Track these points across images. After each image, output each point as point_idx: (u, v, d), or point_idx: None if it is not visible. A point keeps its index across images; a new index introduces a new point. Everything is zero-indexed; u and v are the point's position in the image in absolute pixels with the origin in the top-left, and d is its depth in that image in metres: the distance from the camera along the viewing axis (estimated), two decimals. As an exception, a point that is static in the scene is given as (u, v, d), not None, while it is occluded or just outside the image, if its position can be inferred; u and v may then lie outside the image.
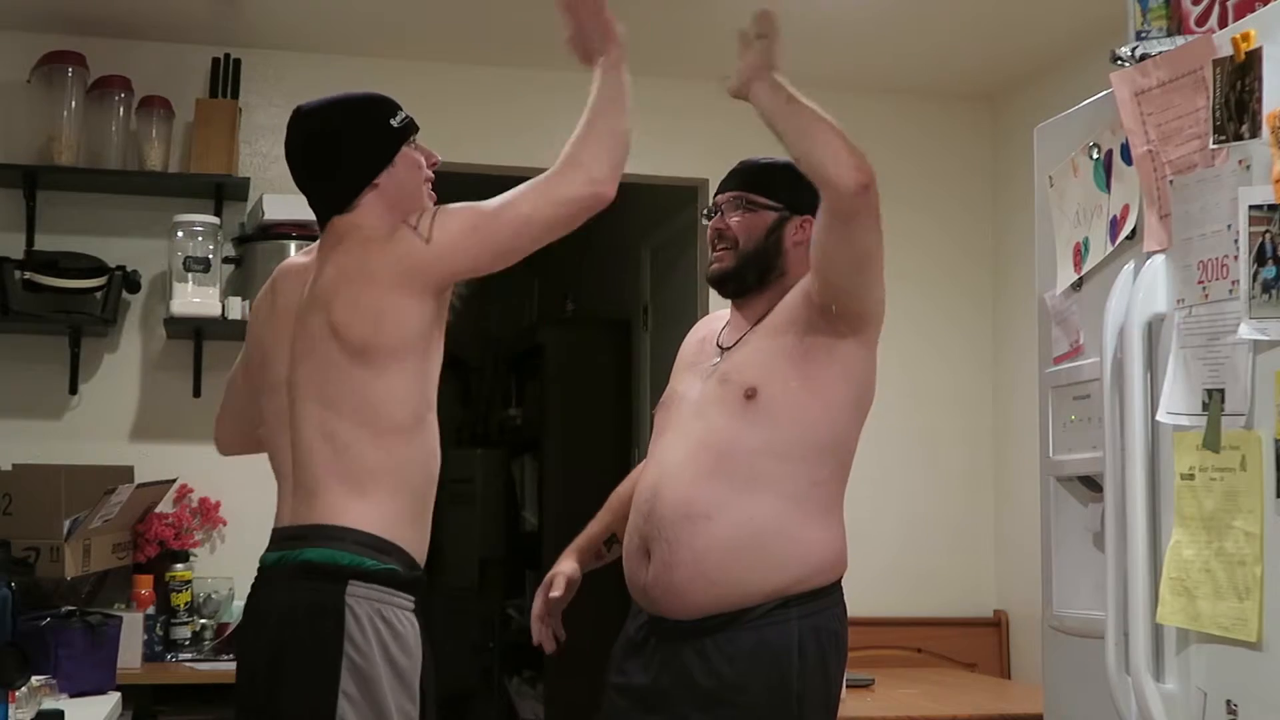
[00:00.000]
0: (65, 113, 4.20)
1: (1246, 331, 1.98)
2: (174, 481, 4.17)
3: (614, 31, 2.41)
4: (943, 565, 4.79)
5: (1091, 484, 2.43)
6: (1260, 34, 2.01)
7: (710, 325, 2.72)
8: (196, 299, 4.14)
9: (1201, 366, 2.09)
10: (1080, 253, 2.46)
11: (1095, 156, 2.41)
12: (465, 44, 4.47)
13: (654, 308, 5.78)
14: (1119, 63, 2.31)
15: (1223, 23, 2.28)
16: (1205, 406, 2.07)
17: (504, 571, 6.86)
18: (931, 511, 4.81)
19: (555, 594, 2.64)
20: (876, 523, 4.52)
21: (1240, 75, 2.02)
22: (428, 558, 2.39)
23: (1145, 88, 2.22)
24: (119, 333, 4.33)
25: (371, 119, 2.43)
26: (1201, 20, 2.34)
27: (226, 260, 4.26)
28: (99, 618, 3.39)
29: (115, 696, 3.28)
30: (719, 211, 2.62)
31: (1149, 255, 2.22)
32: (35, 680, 2.88)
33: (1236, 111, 2.03)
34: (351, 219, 2.39)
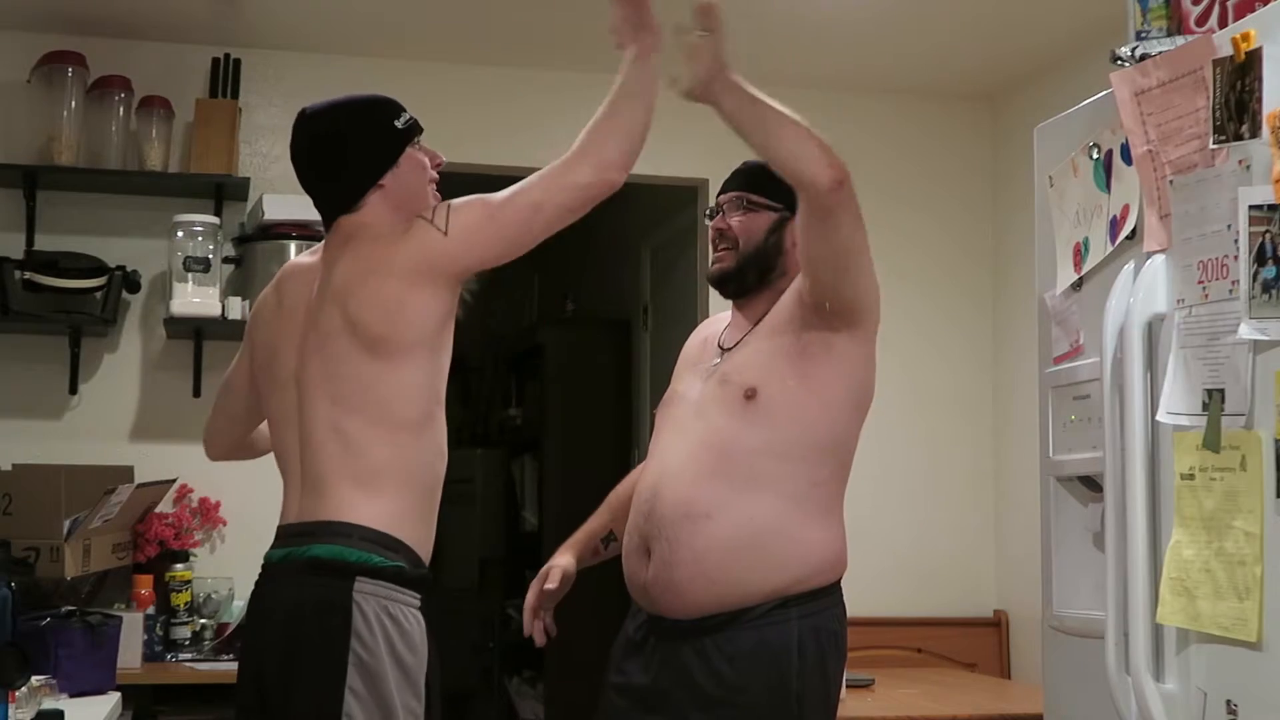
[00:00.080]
0: (65, 113, 4.20)
1: (1246, 331, 1.98)
2: (174, 481, 4.17)
3: (649, 23, 2.38)
4: (943, 565, 4.79)
5: (1091, 484, 2.42)
6: (1260, 34, 2.01)
7: (713, 326, 2.73)
8: (196, 299, 4.15)
9: (1201, 366, 2.09)
10: (1080, 253, 2.46)
11: (1095, 156, 2.41)
12: (465, 44, 4.47)
13: (654, 308, 5.78)
14: (1119, 63, 2.31)
15: (1223, 23, 2.27)
16: (1205, 406, 2.07)
17: (504, 571, 6.85)
18: (931, 511, 4.81)
19: (550, 586, 2.63)
20: (876, 523, 4.52)
21: (1240, 75, 2.02)
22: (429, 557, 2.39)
23: (1145, 88, 2.22)
24: (119, 333, 4.33)
25: (376, 120, 2.44)
26: (1201, 20, 2.34)
27: (226, 260, 4.26)
28: (99, 618, 3.39)
29: (115, 696, 3.28)
30: (720, 212, 2.63)
31: (1149, 255, 2.22)
32: (35, 680, 2.88)
33: (1236, 111, 2.03)
34: (358, 219, 2.40)
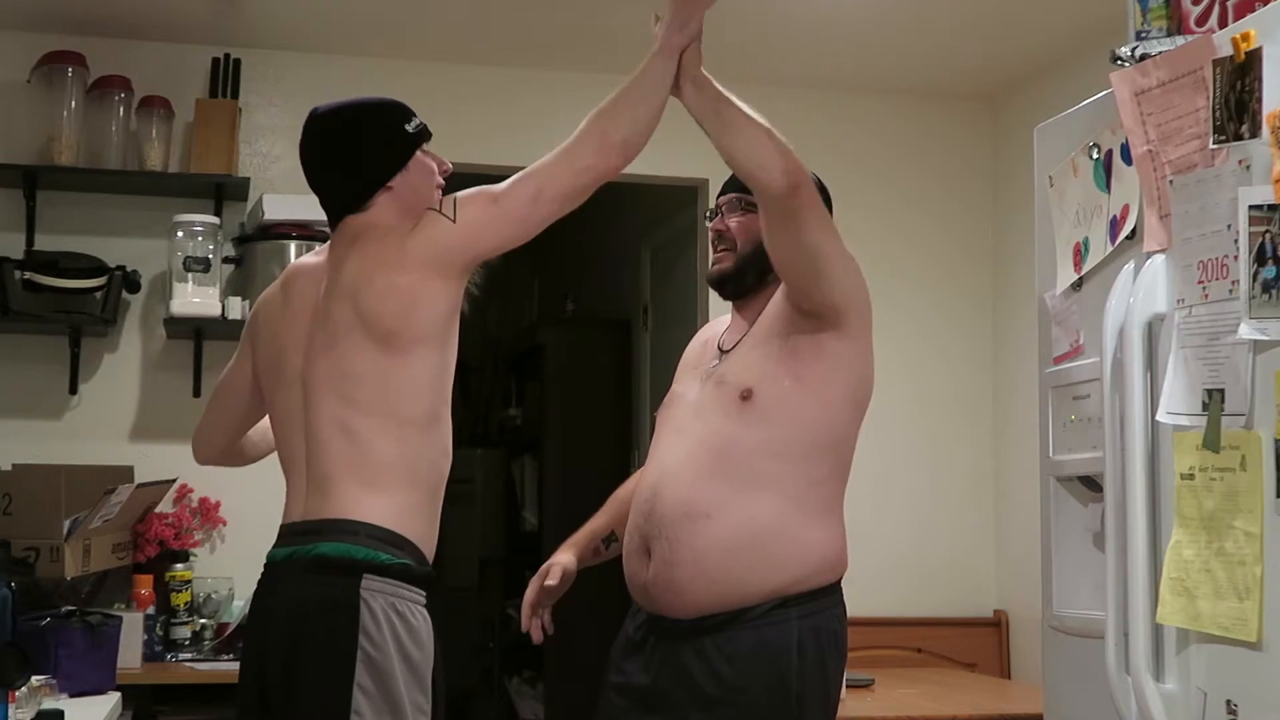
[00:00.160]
0: (65, 113, 4.20)
1: (1246, 331, 1.98)
2: (174, 481, 4.17)
3: (689, 25, 2.35)
4: (943, 565, 4.79)
5: (1091, 484, 2.42)
6: (1260, 34, 2.01)
7: (714, 328, 2.73)
8: (196, 299, 4.15)
9: (1201, 366, 2.09)
10: (1080, 253, 2.46)
11: (1095, 156, 2.41)
12: (465, 44, 4.47)
13: (654, 308, 5.78)
14: (1119, 63, 2.31)
15: (1223, 23, 2.27)
16: (1205, 406, 2.07)
17: (504, 571, 6.86)
18: (932, 511, 4.81)
19: (551, 583, 2.64)
20: (877, 523, 4.52)
21: (1240, 75, 2.02)
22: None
23: (1145, 88, 2.22)
24: (119, 333, 4.33)
25: (388, 122, 2.45)
26: (1201, 20, 2.34)
27: (226, 260, 4.26)
28: (99, 618, 3.39)
29: (115, 696, 3.29)
30: (719, 213, 2.63)
31: (1149, 255, 2.22)
32: (35, 680, 2.89)
33: (1236, 111, 2.03)
34: (365, 218, 2.40)
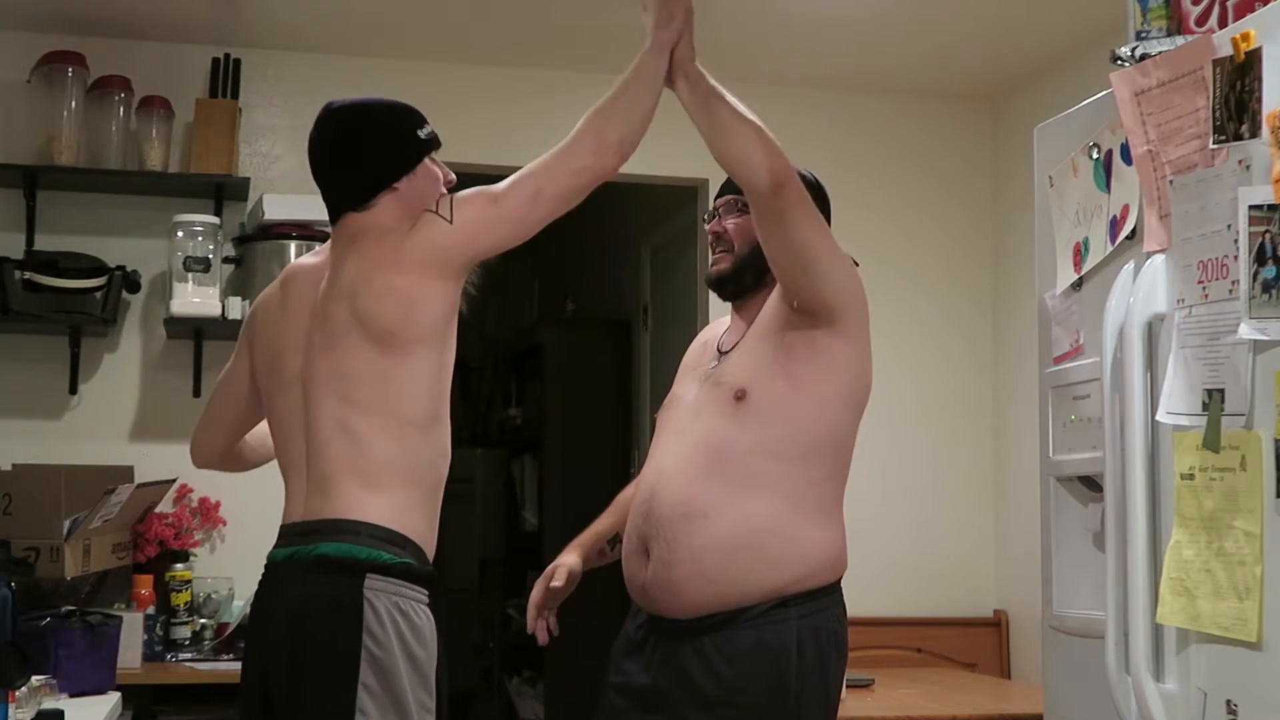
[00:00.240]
0: (65, 113, 4.20)
1: (1246, 331, 1.98)
2: (174, 481, 4.17)
3: (674, 20, 2.38)
4: (943, 565, 4.79)
5: (1091, 484, 2.42)
6: (1260, 34, 2.01)
7: (714, 330, 2.74)
8: (196, 299, 4.15)
9: (1201, 366, 2.09)
10: (1080, 253, 2.46)
11: (1095, 156, 2.41)
12: (465, 44, 4.47)
13: (654, 308, 5.78)
14: (1119, 63, 2.31)
15: (1223, 23, 2.27)
16: (1205, 406, 2.07)
17: (504, 571, 6.86)
18: (931, 511, 4.81)
19: (556, 584, 2.64)
20: (877, 523, 4.52)
21: (1240, 75, 2.02)
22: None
23: (1145, 88, 2.22)
24: (119, 333, 4.33)
25: (401, 124, 2.46)
26: (1201, 20, 2.34)
27: (226, 260, 4.26)
28: (99, 618, 3.39)
29: (115, 696, 3.28)
30: (717, 215, 2.63)
31: (1149, 255, 2.22)
32: (35, 680, 2.88)
33: (1236, 111, 2.03)
34: (366, 217, 2.40)
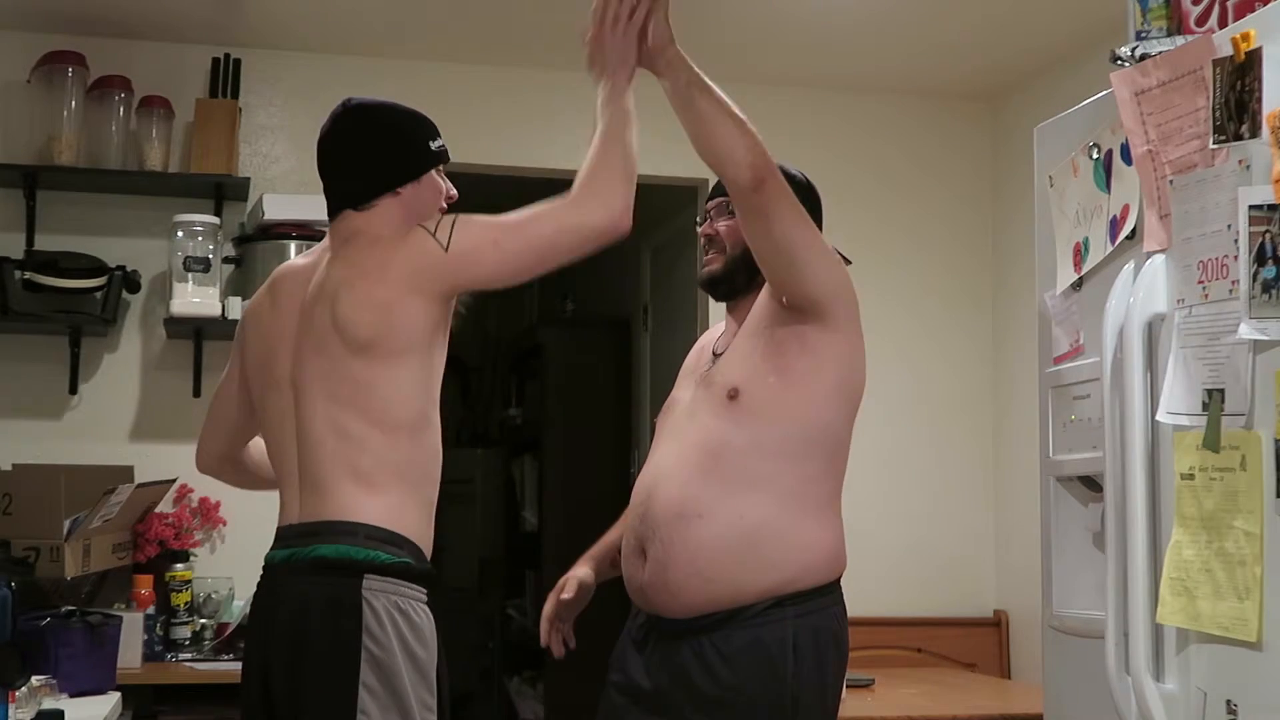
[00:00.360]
0: (65, 113, 4.20)
1: (1246, 331, 1.98)
2: (174, 481, 4.17)
3: (633, 60, 2.41)
4: (943, 565, 4.79)
5: (1091, 484, 2.42)
6: (1260, 34, 2.01)
7: (712, 334, 2.74)
8: (196, 299, 4.15)
9: (1201, 366, 2.09)
10: (1080, 253, 2.46)
11: (1095, 156, 2.41)
12: (465, 44, 4.47)
13: (654, 308, 5.78)
14: (1119, 63, 2.31)
15: (1223, 23, 2.27)
16: (1205, 406, 2.07)
17: (504, 571, 6.86)
18: (932, 511, 4.81)
19: (567, 596, 2.65)
20: (877, 523, 4.52)
21: (1240, 75, 2.02)
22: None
23: (1145, 88, 2.22)
24: (119, 333, 4.33)
25: (413, 132, 2.46)
26: (1201, 20, 2.34)
27: (226, 260, 4.26)
28: (99, 618, 3.38)
29: (115, 696, 3.28)
30: (708, 217, 2.64)
31: (1149, 255, 2.22)
32: (35, 680, 2.89)
33: (1236, 111, 2.03)
34: (364, 218, 2.40)
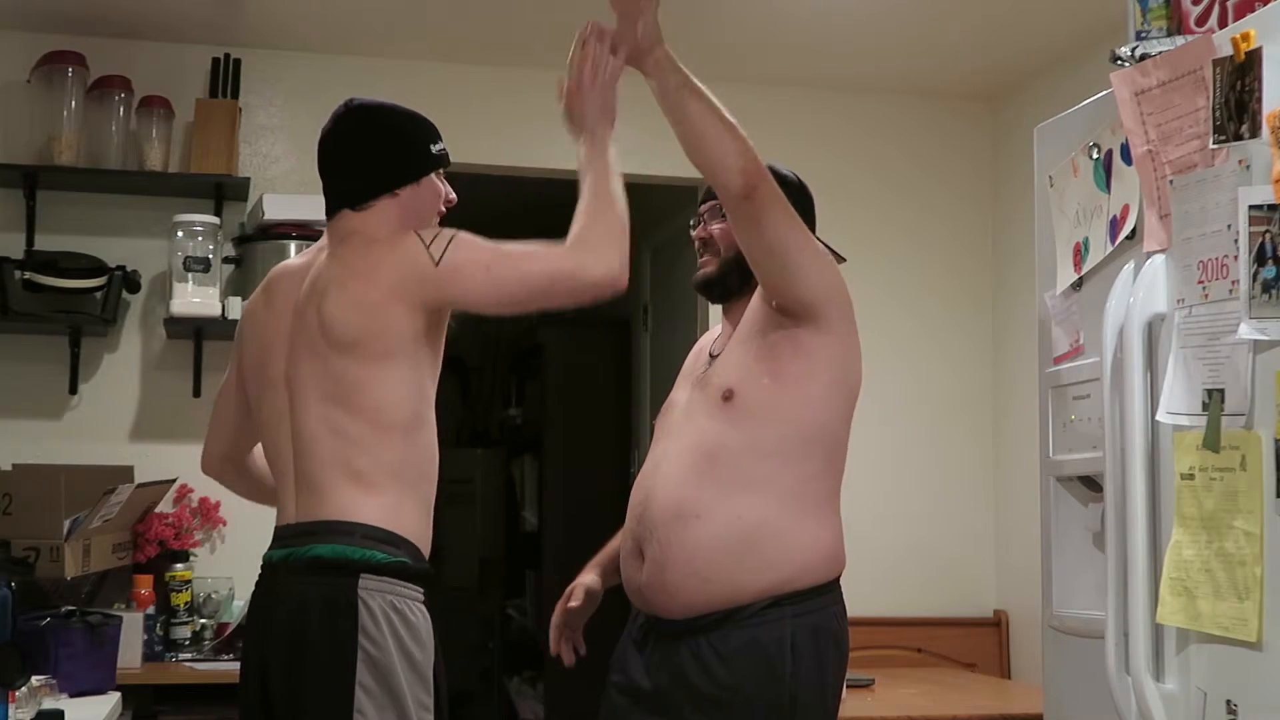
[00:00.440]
0: (65, 113, 4.20)
1: (1246, 331, 1.98)
2: (174, 481, 4.17)
3: (614, 110, 2.42)
4: (943, 565, 4.79)
5: (1091, 484, 2.42)
6: (1260, 34, 2.01)
7: (710, 335, 2.75)
8: (196, 299, 4.15)
9: (1201, 366, 2.09)
10: (1080, 253, 2.46)
11: (1095, 156, 2.41)
12: (465, 44, 4.46)
13: (654, 308, 5.78)
14: (1119, 63, 2.31)
15: (1223, 23, 2.27)
16: (1205, 406, 2.07)
17: (504, 571, 6.86)
18: (932, 511, 4.81)
19: (575, 604, 2.64)
20: (876, 523, 4.52)
21: (1240, 75, 2.02)
22: (428, 557, 2.39)
23: (1145, 88, 2.22)
24: (119, 333, 4.33)
25: (414, 134, 2.47)
26: (1201, 20, 2.34)
27: (226, 260, 4.26)
28: (99, 618, 3.38)
29: (115, 696, 3.28)
30: (702, 220, 2.64)
31: (1149, 255, 2.22)
32: (35, 680, 2.88)
33: (1236, 111, 2.03)
34: (361, 218, 2.40)
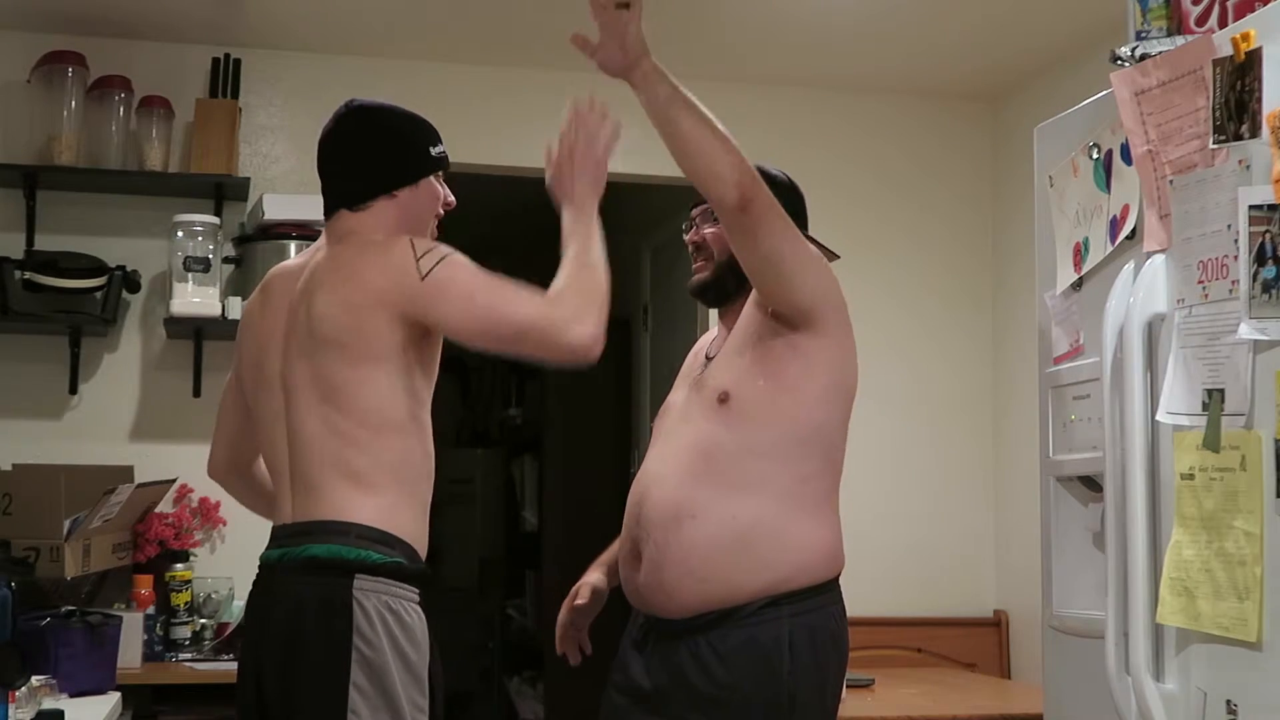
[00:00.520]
0: (65, 113, 4.20)
1: (1246, 331, 1.98)
2: (174, 481, 4.17)
3: (603, 183, 2.43)
4: (943, 565, 4.79)
5: (1091, 484, 2.43)
6: (1260, 34, 2.01)
7: (708, 337, 2.75)
8: (196, 299, 4.15)
9: (1201, 366, 2.09)
10: (1080, 253, 2.46)
11: (1095, 156, 2.41)
12: (465, 44, 4.47)
13: (654, 308, 5.78)
14: (1119, 63, 2.31)
15: (1223, 23, 2.28)
16: (1205, 406, 2.07)
17: (504, 571, 6.86)
18: (932, 511, 4.81)
19: (580, 603, 2.65)
20: (877, 523, 4.52)
21: (1240, 75, 2.02)
22: (427, 557, 2.39)
23: (1145, 88, 2.22)
24: (119, 333, 4.33)
25: (414, 136, 2.47)
26: (1201, 20, 2.34)
27: (226, 260, 4.26)
28: (99, 618, 3.38)
29: (115, 696, 3.28)
30: (694, 224, 2.64)
31: (1149, 255, 2.22)
32: (35, 680, 2.88)
33: (1236, 111, 2.03)
34: (358, 218, 2.40)
